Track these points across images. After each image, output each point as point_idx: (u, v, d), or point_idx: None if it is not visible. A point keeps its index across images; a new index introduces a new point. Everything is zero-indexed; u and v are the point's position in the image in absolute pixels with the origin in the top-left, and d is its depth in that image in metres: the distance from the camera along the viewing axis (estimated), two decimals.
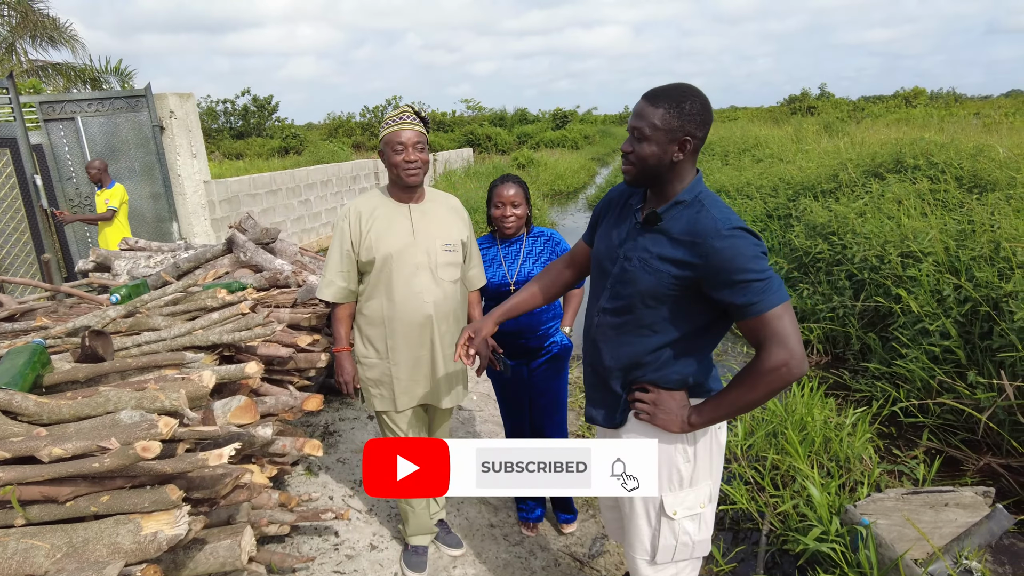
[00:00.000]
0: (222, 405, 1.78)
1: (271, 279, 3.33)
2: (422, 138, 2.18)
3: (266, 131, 34.46)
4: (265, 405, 2.19)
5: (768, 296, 1.47)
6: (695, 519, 1.73)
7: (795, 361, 1.45)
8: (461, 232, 2.36)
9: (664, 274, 1.58)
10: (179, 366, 1.88)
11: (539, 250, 2.70)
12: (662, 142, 1.54)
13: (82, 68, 15.99)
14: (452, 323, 2.36)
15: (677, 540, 1.73)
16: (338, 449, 3.59)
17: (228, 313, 2.30)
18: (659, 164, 1.56)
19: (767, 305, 1.47)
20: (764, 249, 1.53)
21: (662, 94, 1.55)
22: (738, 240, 1.48)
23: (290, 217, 11.42)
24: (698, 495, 1.72)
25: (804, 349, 1.49)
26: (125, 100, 7.92)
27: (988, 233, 4.62)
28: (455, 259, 2.32)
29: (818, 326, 5.42)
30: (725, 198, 9.17)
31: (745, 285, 1.48)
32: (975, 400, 3.78)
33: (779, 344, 1.46)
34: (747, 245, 1.48)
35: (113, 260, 3.88)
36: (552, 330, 2.73)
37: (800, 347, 1.47)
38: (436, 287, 2.27)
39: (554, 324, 2.74)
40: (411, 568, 2.62)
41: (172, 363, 1.86)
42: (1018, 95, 46.11)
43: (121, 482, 1.42)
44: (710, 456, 1.72)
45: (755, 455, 3.64)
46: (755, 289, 1.47)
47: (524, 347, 2.70)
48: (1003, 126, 12.84)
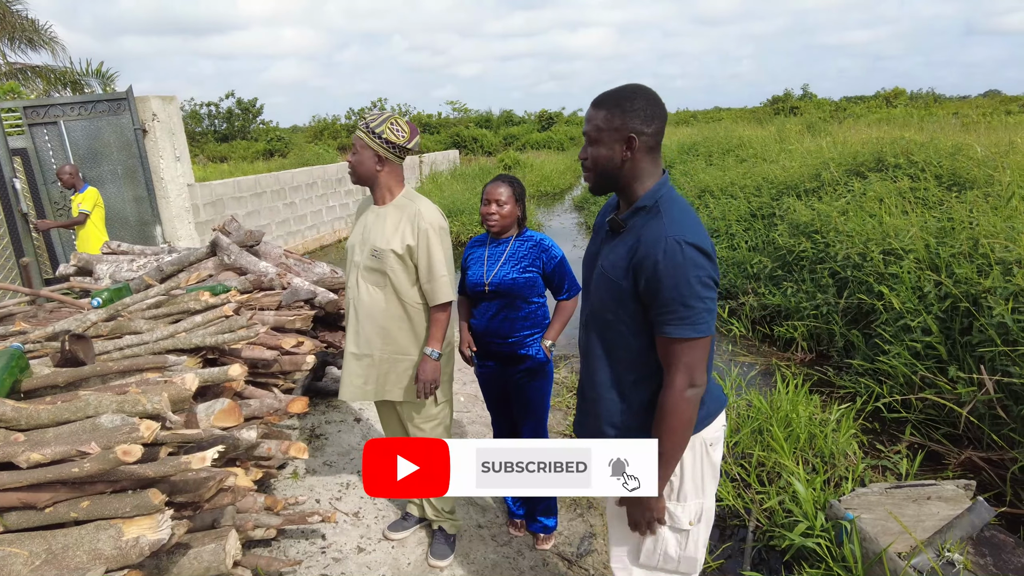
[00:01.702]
0: (205, 408, 1.76)
1: (255, 282, 3.31)
2: (357, 142, 2.36)
3: (251, 134, 34.21)
4: (249, 408, 2.17)
5: (688, 326, 1.43)
6: (682, 535, 1.69)
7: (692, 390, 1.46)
8: (403, 241, 2.35)
9: (615, 284, 1.55)
10: (161, 369, 1.87)
11: (522, 254, 2.61)
12: (608, 142, 1.52)
13: (63, 71, 15.78)
14: (374, 327, 2.42)
15: (657, 549, 1.70)
16: (324, 452, 3.57)
17: (211, 316, 2.28)
18: (611, 165, 1.54)
19: (683, 332, 1.43)
20: (708, 273, 1.45)
21: (605, 97, 1.54)
22: (671, 254, 1.42)
23: (275, 220, 11.36)
24: (686, 511, 1.67)
25: (704, 379, 1.49)
26: (107, 103, 7.84)
27: (967, 230, 4.68)
28: (378, 266, 2.36)
29: (802, 324, 5.47)
30: (709, 198, 9.24)
31: (671, 303, 1.43)
32: (956, 395, 3.83)
33: (680, 371, 1.46)
34: (682, 262, 1.42)
35: (95, 264, 3.84)
36: (529, 340, 2.64)
37: (700, 378, 1.47)
38: (358, 289, 2.42)
39: (532, 335, 2.65)
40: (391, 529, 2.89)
41: (154, 366, 1.84)
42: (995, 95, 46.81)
43: (102, 487, 1.40)
44: (701, 474, 1.67)
45: (741, 452, 3.67)
46: (675, 311, 1.43)
47: (496, 351, 2.68)
48: (981, 125, 13.04)
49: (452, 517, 2.81)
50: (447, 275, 2.39)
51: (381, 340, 2.44)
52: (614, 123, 1.50)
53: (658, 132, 1.54)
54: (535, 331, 2.65)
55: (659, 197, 1.53)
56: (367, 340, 2.44)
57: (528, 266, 2.58)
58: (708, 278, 1.44)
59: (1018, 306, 3.79)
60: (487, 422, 4.22)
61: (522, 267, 2.58)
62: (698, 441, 1.64)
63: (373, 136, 2.32)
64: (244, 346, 2.46)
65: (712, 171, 10.84)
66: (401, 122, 2.36)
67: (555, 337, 2.65)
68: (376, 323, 2.42)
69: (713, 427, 1.68)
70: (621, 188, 1.60)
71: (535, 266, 2.59)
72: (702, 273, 1.43)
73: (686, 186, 10.60)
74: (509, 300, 2.59)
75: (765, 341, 5.87)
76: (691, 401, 1.48)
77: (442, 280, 2.38)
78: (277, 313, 2.94)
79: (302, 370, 2.68)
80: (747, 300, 6.36)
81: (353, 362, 2.48)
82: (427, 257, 2.35)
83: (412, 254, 2.37)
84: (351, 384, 2.50)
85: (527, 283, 2.57)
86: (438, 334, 2.42)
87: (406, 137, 2.36)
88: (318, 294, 3.33)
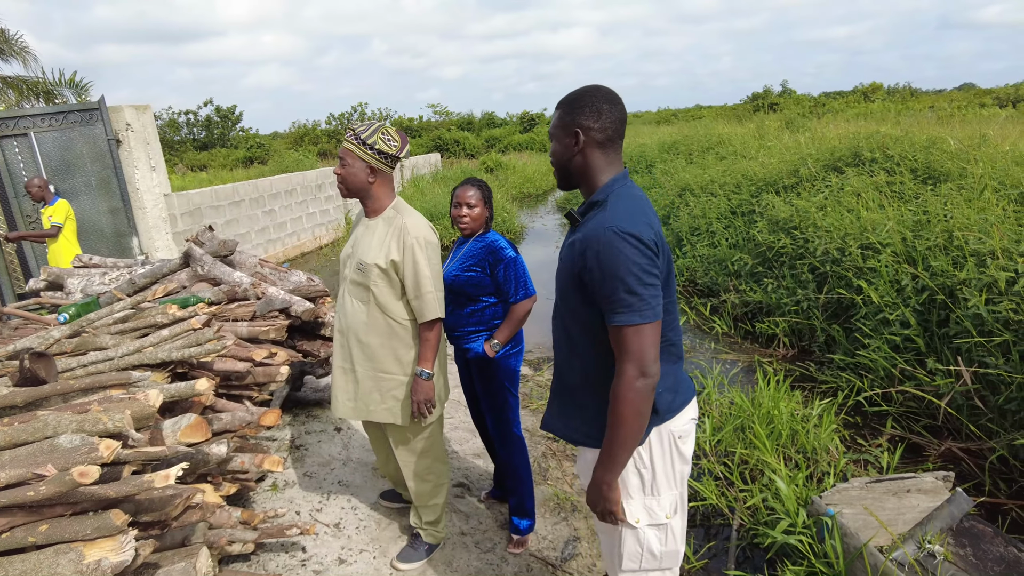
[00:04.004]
0: (172, 424, 1.72)
1: (229, 292, 3.26)
2: (346, 154, 2.30)
3: (230, 141, 33.94)
4: (221, 422, 2.12)
5: (631, 313, 1.45)
6: (661, 529, 1.70)
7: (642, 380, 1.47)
8: (388, 256, 2.30)
9: (571, 275, 1.59)
10: (125, 386, 1.82)
11: (472, 253, 2.68)
12: (560, 138, 1.62)
13: (34, 81, 15.51)
14: (356, 342, 2.40)
15: (643, 548, 1.70)
16: (304, 463, 3.52)
17: (179, 329, 2.23)
18: (563, 159, 1.64)
19: (628, 319, 1.45)
20: (647, 261, 1.47)
21: (562, 98, 1.64)
22: (607, 244, 1.46)
23: (255, 228, 11.25)
24: (662, 505, 1.69)
25: (655, 369, 1.49)
26: (79, 114, 7.72)
27: (942, 223, 4.73)
28: (362, 280, 2.34)
29: (783, 320, 5.50)
30: (690, 196, 9.28)
31: (613, 292, 1.46)
32: (935, 387, 3.87)
33: (629, 360, 1.47)
34: (618, 250, 1.45)
35: (66, 278, 3.76)
36: (472, 337, 2.72)
37: (655, 367, 1.48)
38: (345, 302, 2.42)
39: (476, 332, 2.72)
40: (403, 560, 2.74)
41: (118, 383, 1.79)
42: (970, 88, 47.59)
43: (61, 509, 1.36)
44: (672, 466, 1.68)
45: (724, 450, 3.67)
46: (617, 299, 1.46)
47: (453, 344, 2.80)
48: (955, 119, 13.21)
49: (434, 528, 2.78)
50: (434, 291, 2.32)
51: (363, 356, 2.41)
52: (564, 120, 1.61)
53: (606, 128, 1.59)
54: (479, 328, 2.72)
55: (611, 192, 1.59)
56: (350, 354, 2.43)
57: (472, 265, 2.65)
58: (647, 266, 1.47)
59: (992, 297, 3.83)
60: (468, 427, 4.20)
61: (466, 266, 2.66)
62: (666, 434, 1.65)
63: (364, 147, 2.27)
64: (215, 359, 2.42)
65: (692, 169, 10.89)
66: (392, 131, 2.33)
67: (502, 338, 2.68)
68: (358, 338, 2.40)
69: (681, 419, 1.69)
70: (578, 183, 1.68)
71: (480, 266, 2.65)
72: (641, 261, 1.46)
73: (666, 185, 10.64)
74: (454, 296, 2.70)
75: (747, 338, 5.90)
76: (641, 391, 1.48)
77: (428, 297, 2.30)
78: (251, 324, 2.89)
79: (276, 381, 2.64)
80: (728, 297, 6.39)
81: (340, 376, 2.47)
82: (413, 273, 2.30)
83: (397, 269, 2.31)
84: (338, 399, 2.50)
85: (468, 281, 2.65)
86: (428, 354, 2.36)
87: (398, 146, 2.32)
88: (293, 303, 3.29)
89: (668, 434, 1.66)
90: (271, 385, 2.68)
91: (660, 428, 1.64)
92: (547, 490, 3.46)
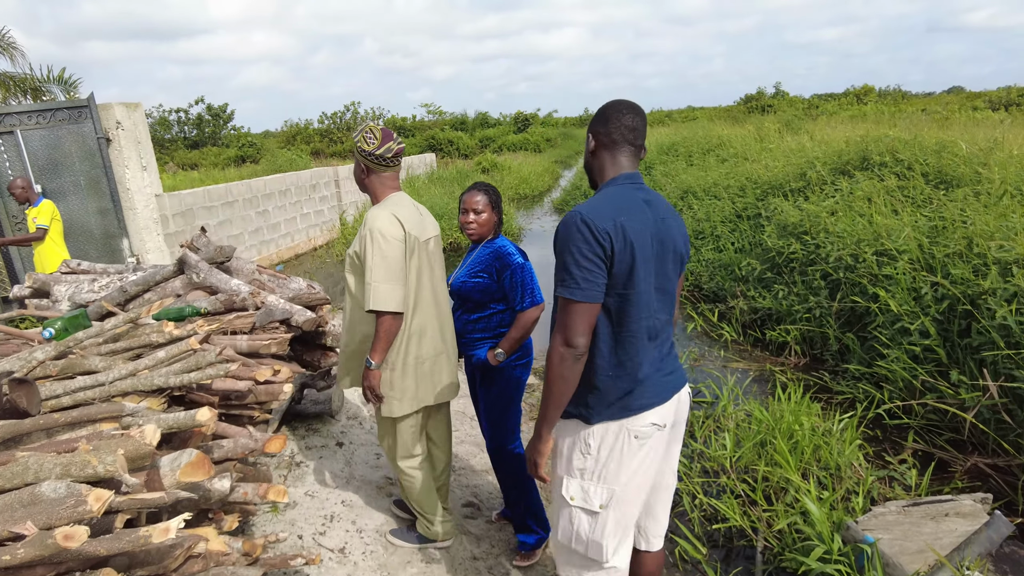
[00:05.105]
0: (170, 461, 1.53)
1: (227, 302, 3.08)
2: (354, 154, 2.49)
3: (222, 140, 33.59)
4: (223, 450, 1.94)
5: (565, 288, 1.63)
6: (593, 517, 1.79)
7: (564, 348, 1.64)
8: (355, 246, 2.41)
9: None
10: (118, 418, 1.64)
11: (479, 260, 2.64)
12: (585, 142, 1.88)
13: (22, 77, 15.19)
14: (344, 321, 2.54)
15: (573, 527, 1.82)
16: (305, 481, 3.34)
17: (176, 350, 2.04)
18: (586, 160, 1.89)
19: (561, 292, 1.64)
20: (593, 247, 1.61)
21: None
22: (566, 224, 1.65)
23: (248, 229, 11.03)
24: (597, 493, 1.78)
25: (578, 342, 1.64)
26: (67, 111, 7.49)
27: (961, 229, 4.60)
28: (348, 268, 2.45)
29: (795, 327, 5.36)
30: (692, 199, 9.14)
31: (559, 267, 1.67)
32: (959, 400, 3.73)
33: (558, 329, 1.66)
34: (570, 232, 1.63)
35: (52, 285, 3.57)
36: (478, 343, 2.67)
37: (579, 340, 1.63)
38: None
39: (482, 339, 2.67)
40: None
41: (109, 416, 1.61)
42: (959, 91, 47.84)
43: (43, 570, 1.18)
44: (617, 461, 1.77)
45: (744, 467, 3.52)
46: (559, 274, 1.66)
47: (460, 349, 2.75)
48: (954, 122, 13.15)
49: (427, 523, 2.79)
50: (379, 283, 2.29)
51: (348, 335, 2.52)
52: (588, 128, 1.87)
53: (611, 132, 1.79)
54: (485, 336, 2.66)
55: (605, 188, 1.79)
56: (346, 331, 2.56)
57: (480, 271, 2.61)
58: (587, 251, 1.61)
59: (1020, 307, 3.70)
60: (476, 441, 4.03)
61: (474, 272, 2.62)
62: (623, 429, 1.76)
63: (355, 147, 2.40)
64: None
65: (693, 171, 10.76)
66: (376, 130, 2.39)
67: (507, 347, 2.59)
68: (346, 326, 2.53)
69: (640, 420, 1.77)
70: (593, 182, 1.89)
71: (486, 272, 2.60)
72: (582, 246, 1.62)
73: (668, 187, 10.50)
74: (461, 302, 2.68)
75: (757, 345, 5.75)
76: (564, 359, 1.64)
77: (370, 287, 2.28)
78: (251, 337, 2.71)
79: (279, 400, 2.46)
80: (737, 304, 6.25)
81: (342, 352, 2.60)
82: (363, 263, 2.33)
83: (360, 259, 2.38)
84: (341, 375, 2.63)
85: (475, 288, 2.61)
86: (377, 344, 2.34)
87: (376, 143, 2.37)
88: (294, 313, 3.11)
89: (625, 431, 1.76)
90: (273, 403, 2.50)
91: (619, 423, 1.75)
92: None
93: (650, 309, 1.74)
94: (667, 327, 1.86)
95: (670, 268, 1.80)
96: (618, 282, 1.66)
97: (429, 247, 2.51)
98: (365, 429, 3.96)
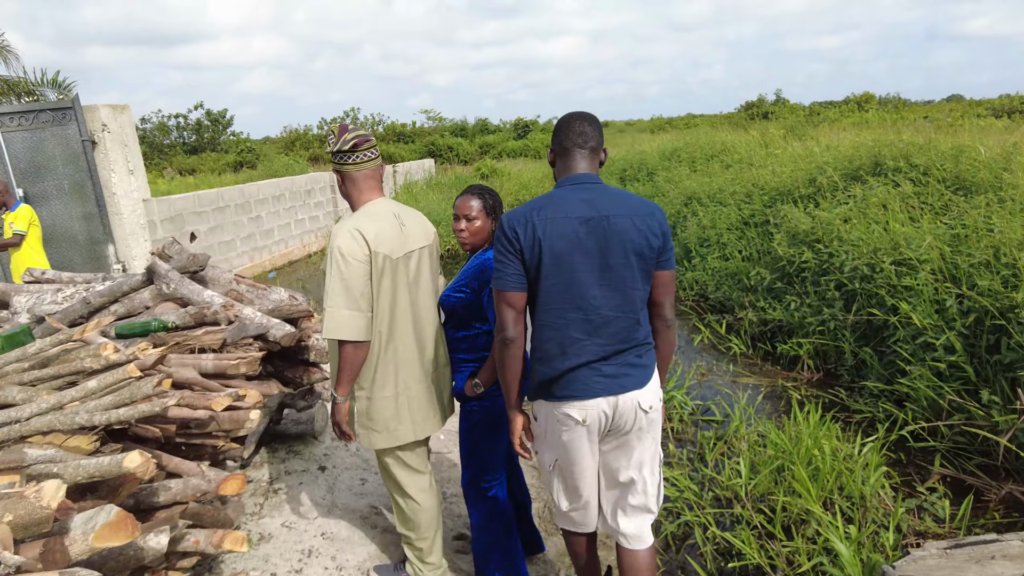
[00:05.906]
0: (84, 522, 1.24)
1: (197, 316, 2.81)
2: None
3: (220, 146, 33.39)
4: (169, 492, 1.66)
5: (493, 279, 1.87)
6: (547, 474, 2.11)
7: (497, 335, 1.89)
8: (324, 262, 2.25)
9: None
10: (19, 470, 1.36)
11: (465, 272, 2.38)
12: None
13: (15, 81, 14.97)
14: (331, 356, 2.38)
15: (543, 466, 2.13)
16: (282, 511, 3.07)
17: (111, 379, 1.74)
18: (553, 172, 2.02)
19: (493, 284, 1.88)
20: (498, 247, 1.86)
21: None
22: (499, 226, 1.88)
23: (240, 235, 10.76)
24: (545, 457, 2.07)
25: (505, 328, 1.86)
26: (51, 113, 7.26)
27: (987, 237, 4.33)
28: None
29: (808, 340, 5.08)
30: (697, 206, 8.87)
31: None
32: (991, 422, 3.45)
33: (496, 318, 1.89)
34: (497, 232, 1.88)
35: (12, 295, 3.30)
36: (462, 366, 2.43)
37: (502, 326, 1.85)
38: None
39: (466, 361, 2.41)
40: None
41: (6, 467, 1.33)
42: (959, 99, 47.69)
43: None
44: (553, 435, 1.97)
45: (760, 495, 3.24)
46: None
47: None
48: (955, 128, 12.89)
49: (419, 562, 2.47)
50: (338, 308, 2.04)
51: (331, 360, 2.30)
52: None
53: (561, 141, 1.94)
54: (469, 357, 2.40)
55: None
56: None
57: (463, 286, 2.33)
58: (500, 247, 1.85)
59: None
60: None
61: (458, 285, 2.36)
62: (550, 411, 1.95)
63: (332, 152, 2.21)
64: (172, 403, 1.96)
65: (697, 177, 10.50)
66: (334, 128, 2.20)
67: (483, 378, 2.28)
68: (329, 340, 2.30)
69: (559, 408, 1.91)
70: None
71: (470, 287, 2.31)
72: (501, 243, 1.85)
73: (671, 193, 10.23)
74: (448, 319, 2.44)
75: (767, 359, 5.47)
76: (499, 345, 1.90)
77: (327, 313, 2.05)
78: (217, 356, 2.44)
79: (245, 428, 2.19)
80: (745, 315, 5.97)
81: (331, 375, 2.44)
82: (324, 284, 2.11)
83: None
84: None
85: (458, 303, 2.33)
86: (340, 376, 2.12)
87: (335, 139, 2.15)
88: (271, 328, 2.84)
89: (551, 412, 1.95)
90: (239, 431, 2.23)
91: (548, 405, 1.95)
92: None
93: (582, 302, 1.81)
94: (617, 324, 1.85)
95: (618, 263, 1.81)
96: (531, 274, 1.82)
97: (410, 263, 2.22)
98: (350, 452, 3.68)
